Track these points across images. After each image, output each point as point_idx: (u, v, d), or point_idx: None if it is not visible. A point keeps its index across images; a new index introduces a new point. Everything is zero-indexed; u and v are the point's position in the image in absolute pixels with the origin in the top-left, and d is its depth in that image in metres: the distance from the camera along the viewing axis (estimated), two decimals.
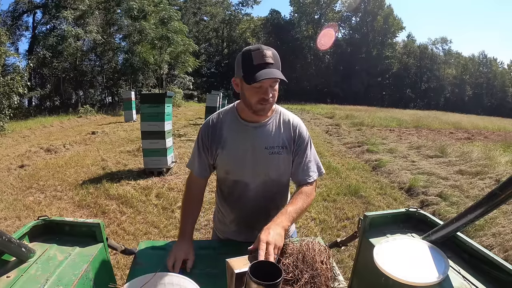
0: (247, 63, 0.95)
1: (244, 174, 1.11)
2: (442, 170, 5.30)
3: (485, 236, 2.99)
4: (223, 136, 1.10)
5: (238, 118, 1.11)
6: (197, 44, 23.12)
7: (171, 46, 18.72)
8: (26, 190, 4.27)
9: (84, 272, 0.87)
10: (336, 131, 10.26)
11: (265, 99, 0.98)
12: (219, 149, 1.11)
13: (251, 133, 1.09)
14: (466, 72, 40.76)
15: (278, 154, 1.09)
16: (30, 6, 19.86)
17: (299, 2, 36.65)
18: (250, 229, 1.15)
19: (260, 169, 1.10)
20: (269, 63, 0.94)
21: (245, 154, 1.09)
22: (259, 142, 1.08)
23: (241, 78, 0.98)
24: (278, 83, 1.02)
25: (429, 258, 0.92)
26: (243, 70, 0.97)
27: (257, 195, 1.13)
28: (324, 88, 35.79)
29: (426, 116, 17.63)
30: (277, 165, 1.10)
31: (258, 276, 0.64)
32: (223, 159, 1.12)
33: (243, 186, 1.13)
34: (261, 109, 1.01)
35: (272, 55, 0.95)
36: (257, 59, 0.94)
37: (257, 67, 0.93)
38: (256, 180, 1.11)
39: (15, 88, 9.15)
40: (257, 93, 0.98)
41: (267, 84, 0.96)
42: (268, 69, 0.93)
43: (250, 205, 1.15)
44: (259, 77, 0.91)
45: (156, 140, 4.76)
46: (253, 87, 0.97)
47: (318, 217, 3.53)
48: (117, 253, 1.14)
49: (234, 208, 1.19)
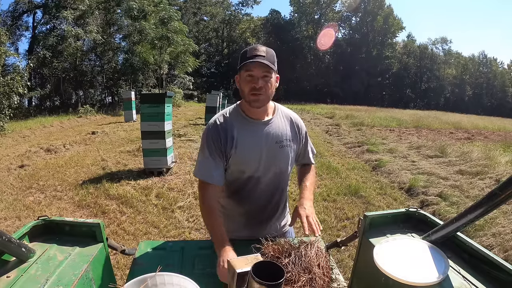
0: (242, 57, 1.06)
1: (257, 170, 1.15)
2: (442, 170, 5.30)
3: (485, 236, 2.99)
4: (234, 137, 1.11)
5: (244, 116, 1.15)
6: (197, 44, 23.13)
7: (171, 46, 18.72)
8: (26, 190, 4.27)
9: (84, 272, 0.87)
10: (336, 131, 10.26)
11: (255, 87, 1.04)
12: (232, 149, 1.12)
13: (261, 130, 1.14)
14: (466, 72, 40.77)
15: (287, 147, 1.18)
16: (30, 6, 19.85)
17: (299, 2, 36.65)
18: (257, 221, 1.23)
19: (271, 163, 1.16)
20: (260, 55, 1.02)
21: (258, 151, 1.13)
22: (270, 138, 1.15)
23: (239, 71, 1.08)
24: (277, 84, 1.11)
25: (429, 258, 0.92)
26: (239, 63, 1.06)
27: (268, 187, 1.19)
28: (324, 88, 35.79)
29: (426, 116, 17.62)
30: (286, 157, 1.19)
31: (260, 276, 0.64)
32: (236, 159, 1.13)
33: (255, 180, 1.16)
34: (254, 100, 1.07)
35: (265, 50, 1.04)
36: (250, 52, 1.04)
37: (248, 58, 1.03)
38: (268, 173, 1.17)
39: (15, 88, 9.14)
40: (248, 83, 1.05)
41: (257, 72, 1.03)
42: (258, 58, 1.02)
43: (260, 197, 1.20)
44: (246, 62, 1.02)
45: (156, 140, 4.76)
46: (245, 78, 1.06)
47: (318, 217, 3.52)
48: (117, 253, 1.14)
49: (244, 202, 1.21)
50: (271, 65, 1.03)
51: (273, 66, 1.04)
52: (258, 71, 1.03)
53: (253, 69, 1.03)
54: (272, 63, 1.04)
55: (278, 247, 0.93)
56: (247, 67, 1.03)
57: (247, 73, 1.04)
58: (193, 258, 1.08)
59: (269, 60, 1.03)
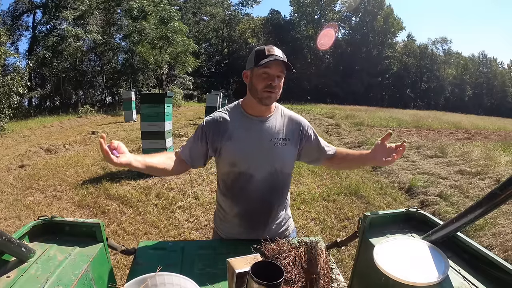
0: (260, 54, 1.07)
1: (250, 165, 1.14)
2: (442, 170, 5.30)
3: (485, 236, 2.99)
4: (229, 130, 1.14)
5: (243, 113, 1.17)
6: (197, 44, 23.10)
7: (171, 46, 18.71)
8: (26, 190, 4.27)
9: (84, 272, 0.87)
10: (336, 131, 10.25)
11: (272, 85, 1.07)
12: (224, 141, 1.14)
13: (256, 126, 1.15)
14: (466, 72, 40.77)
15: (283, 146, 1.17)
16: (30, 6, 19.87)
17: (299, 2, 36.63)
18: (253, 223, 1.20)
19: (265, 161, 1.15)
20: (277, 55, 1.06)
21: (252, 146, 1.13)
22: (265, 135, 1.15)
23: (252, 67, 1.08)
24: (282, 82, 1.13)
25: (429, 258, 0.92)
26: (255, 60, 1.07)
27: (262, 187, 1.16)
28: (324, 88, 35.78)
29: (426, 116, 17.62)
30: (281, 156, 1.17)
31: (259, 276, 0.64)
32: (229, 151, 1.15)
33: (248, 177, 1.15)
34: (266, 97, 1.09)
35: (282, 54, 1.09)
36: (269, 51, 1.07)
37: (268, 56, 1.05)
38: (261, 171, 1.15)
39: (15, 88, 9.13)
40: (264, 80, 1.07)
41: (274, 71, 1.06)
42: (277, 58, 1.05)
43: (254, 197, 1.17)
44: (268, 60, 1.04)
45: (156, 140, 4.76)
46: (261, 74, 1.07)
47: (318, 217, 3.53)
48: (117, 253, 1.14)
49: (238, 201, 1.19)
50: (288, 63, 1.06)
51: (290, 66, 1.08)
52: (275, 70, 1.07)
53: (271, 67, 1.06)
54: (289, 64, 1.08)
55: (278, 247, 0.93)
56: (265, 65, 1.04)
57: (264, 70, 1.06)
58: (193, 258, 1.08)
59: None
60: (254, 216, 1.19)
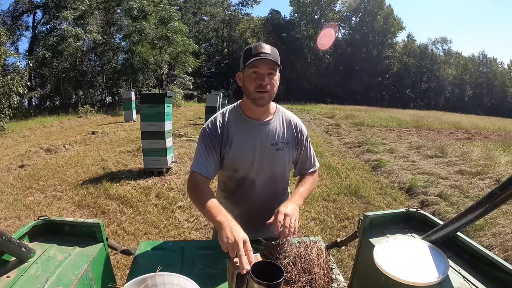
0: (247, 54, 1.03)
1: (251, 170, 1.13)
2: (442, 170, 5.30)
3: (485, 236, 2.99)
4: (230, 135, 1.12)
5: (243, 116, 1.14)
6: (197, 44, 23.10)
7: (171, 46, 18.71)
8: (26, 190, 4.27)
9: (84, 272, 0.87)
10: (336, 131, 10.25)
11: (262, 85, 1.03)
12: (227, 147, 1.12)
13: (257, 130, 1.13)
14: (466, 72, 40.77)
15: (283, 150, 1.16)
16: (30, 6, 19.86)
17: (299, 2, 36.63)
18: (253, 224, 1.17)
19: (266, 165, 1.14)
20: (266, 53, 1.01)
21: (252, 151, 1.12)
22: (266, 139, 1.13)
23: (243, 68, 1.04)
24: (278, 82, 1.09)
25: (429, 258, 0.92)
26: (244, 60, 1.04)
27: (263, 190, 1.16)
28: (324, 88, 35.77)
29: (426, 116, 17.61)
30: (282, 160, 1.17)
31: (259, 276, 0.64)
32: (230, 157, 1.13)
33: (249, 182, 1.15)
34: (259, 97, 1.05)
35: (270, 49, 1.03)
36: (255, 49, 1.02)
37: (254, 55, 1.01)
38: (262, 175, 1.15)
39: (15, 88, 9.13)
40: (254, 80, 1.04)
41: (263, 69, 1.02)
42: (263, 55, 1.01)
43: (255, 200, 1.17)
44: (254, 58, 1.00)
45: (156, 140, 4.76)
46: (250, 74, 1.04)
47: (318, 217, 3.53)
48: (117, 253, 1.14)
49: (239, 204, 1.19)
50: (276, 60, 1.02)
51: (278, 62, 1.04)
52: (264, 68, 1.02)
53: (259, 66, 1.02)
54: (279, 64, 1.04)
55: (278, 248, 0.93)
56: (252, 64, 1.01)
57: (253, 69, 1.02)
58: (193, 258, 1.08)
59: (275, 58, 1.03)
60: (255, 219, 1.19)
